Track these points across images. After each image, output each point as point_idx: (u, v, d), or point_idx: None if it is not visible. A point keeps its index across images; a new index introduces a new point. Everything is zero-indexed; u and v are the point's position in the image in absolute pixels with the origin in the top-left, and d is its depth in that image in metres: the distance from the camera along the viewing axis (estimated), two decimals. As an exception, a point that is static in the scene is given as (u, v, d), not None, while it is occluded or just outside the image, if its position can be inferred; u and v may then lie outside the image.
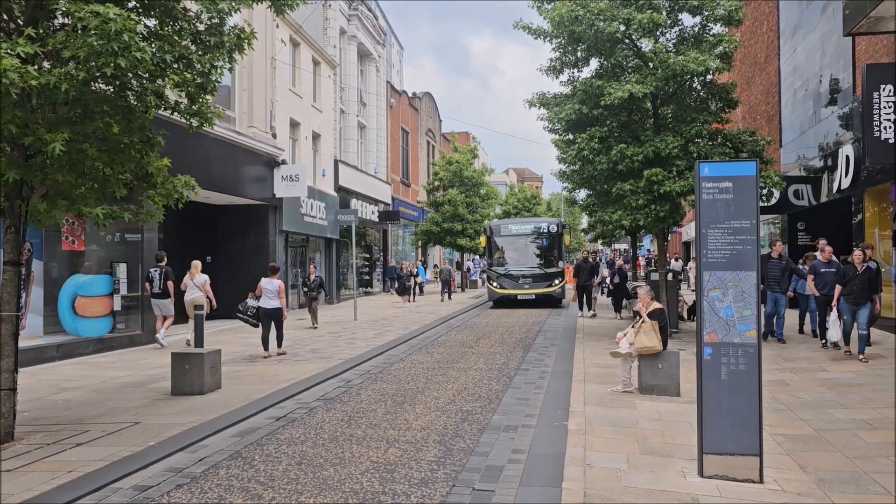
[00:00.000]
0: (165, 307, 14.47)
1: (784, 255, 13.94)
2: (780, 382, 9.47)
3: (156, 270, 14.43)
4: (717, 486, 5.39)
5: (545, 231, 25.20)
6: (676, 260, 30.57)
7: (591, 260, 22.33)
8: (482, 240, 25.75)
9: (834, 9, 16.39)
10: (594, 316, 19.97)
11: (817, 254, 13.30)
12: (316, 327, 17.93)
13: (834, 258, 12.77)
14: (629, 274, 21.63)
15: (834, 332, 11.37)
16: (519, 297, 23.84)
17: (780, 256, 13.53)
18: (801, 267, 13.82)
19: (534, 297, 23.60)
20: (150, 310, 14.68)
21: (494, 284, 24.42)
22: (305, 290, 18.45)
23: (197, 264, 14.57)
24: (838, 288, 11.28)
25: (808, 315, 14.03)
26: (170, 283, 14.37)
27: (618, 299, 20.37)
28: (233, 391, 9.59)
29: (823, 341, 12.43)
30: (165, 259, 14.65)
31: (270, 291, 12.85)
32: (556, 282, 24.01)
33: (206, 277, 14.48)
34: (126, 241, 14.72)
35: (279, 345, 13.24)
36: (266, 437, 7.33)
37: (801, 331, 14.39)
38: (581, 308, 20.40)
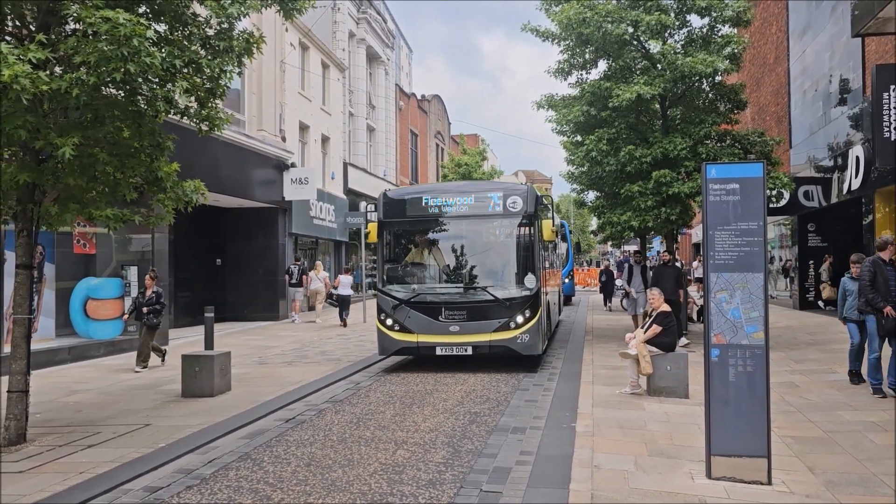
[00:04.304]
0: (299, 294, 20.40)
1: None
2: (789, 384, 9.44)
3: (295, 266, 20.34)
4: (725, 488, 5.38)
5: (498, 209, 11.65)
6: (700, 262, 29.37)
7: (673, 263, 14.67)
8: (371, 229, 12.32)
9: (843, 10, 16.32)
10: (687, 345, 12.79)
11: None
12: (140, 370, 11.69)
13: None
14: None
15: None
16: (440, 351, 11.37)
17: (892, 262, 8.71)
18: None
19: (469, 350, 11.26)
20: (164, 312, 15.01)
21: (389, 323, 11.64)
22: (143, 311, 11.79)
23: (319, 264, 20.99)
24: None
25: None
26: (304, 276, 20.27)
27: (606, 294, 24.51)
28: (242, 393, 9.64)
29: None
30: (302, 259, 21.52)
31: (346, 284, 19.11)
32: (520, 318, 11.22)
33: (326, 274, 20.91)
34: (137, 244, 14.84)
35: (344, 321, 18.68)
36: (275, 439, 7.37)
37: None
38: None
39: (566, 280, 25.03)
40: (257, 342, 15.43)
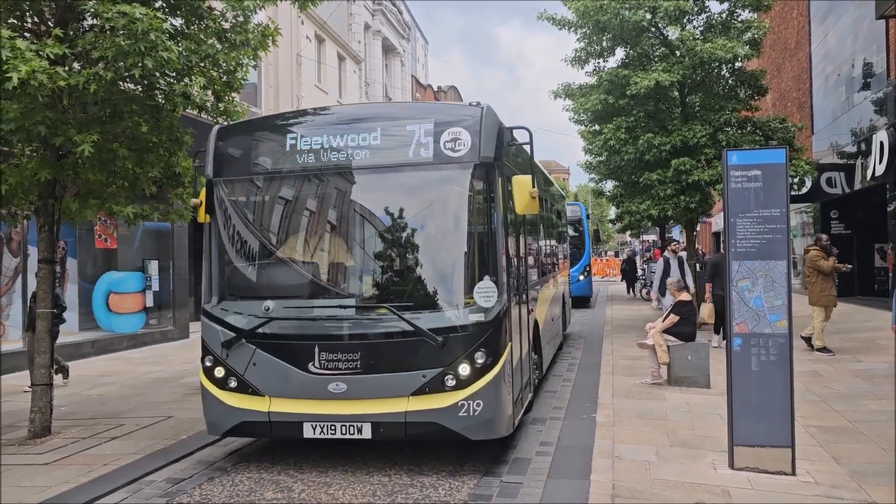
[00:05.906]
0: None
1: None
2: (813, 373, 9.32)
3: None
4: (749, 478, 5.32)
5: (425, 154, 5.88)
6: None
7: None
8: (200, 198, 6.49)
9: (866, -9, 16.02)
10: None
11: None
12: (27, 390, 8.15)
13: None
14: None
15: None
16: (309, 432, 5.75)
17: None
18: None
19: (367, 430, 5.65)
20: (182, 306, 15.32)
21: (219, 376, 6.04)
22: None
23: None
24: None
25: None
26: None
27: (629, 282, 25.48)
28: (263, 385, 9.67)
29: None
30: None
31: None
32: (465, 367, 5.59)
33: None
34: (157, 239, 14.96)
35: None
36: (296, 431, 7.39)
37: None
38: (717, 332, 12.09)
39: (581, 277, 20.12)
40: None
